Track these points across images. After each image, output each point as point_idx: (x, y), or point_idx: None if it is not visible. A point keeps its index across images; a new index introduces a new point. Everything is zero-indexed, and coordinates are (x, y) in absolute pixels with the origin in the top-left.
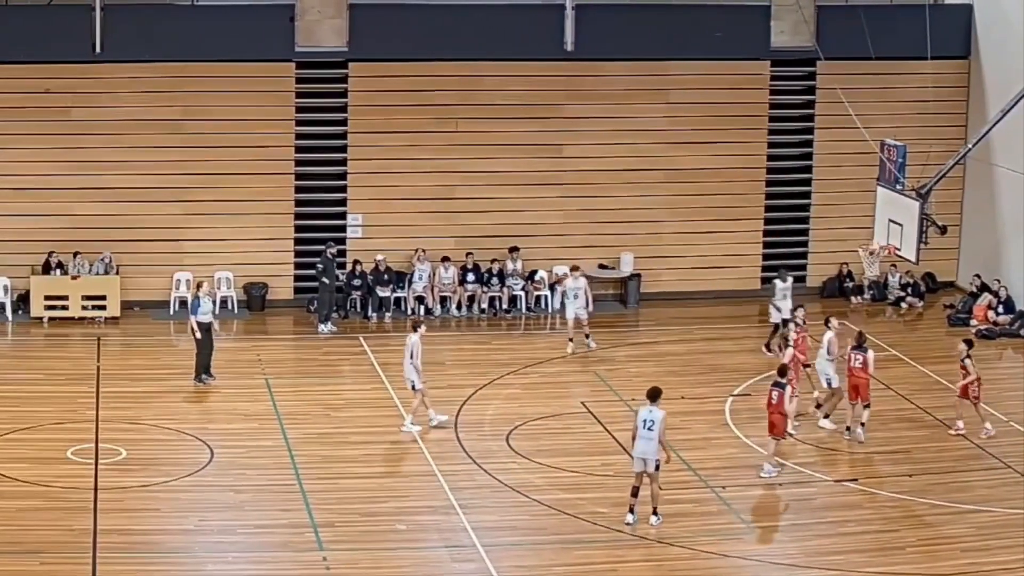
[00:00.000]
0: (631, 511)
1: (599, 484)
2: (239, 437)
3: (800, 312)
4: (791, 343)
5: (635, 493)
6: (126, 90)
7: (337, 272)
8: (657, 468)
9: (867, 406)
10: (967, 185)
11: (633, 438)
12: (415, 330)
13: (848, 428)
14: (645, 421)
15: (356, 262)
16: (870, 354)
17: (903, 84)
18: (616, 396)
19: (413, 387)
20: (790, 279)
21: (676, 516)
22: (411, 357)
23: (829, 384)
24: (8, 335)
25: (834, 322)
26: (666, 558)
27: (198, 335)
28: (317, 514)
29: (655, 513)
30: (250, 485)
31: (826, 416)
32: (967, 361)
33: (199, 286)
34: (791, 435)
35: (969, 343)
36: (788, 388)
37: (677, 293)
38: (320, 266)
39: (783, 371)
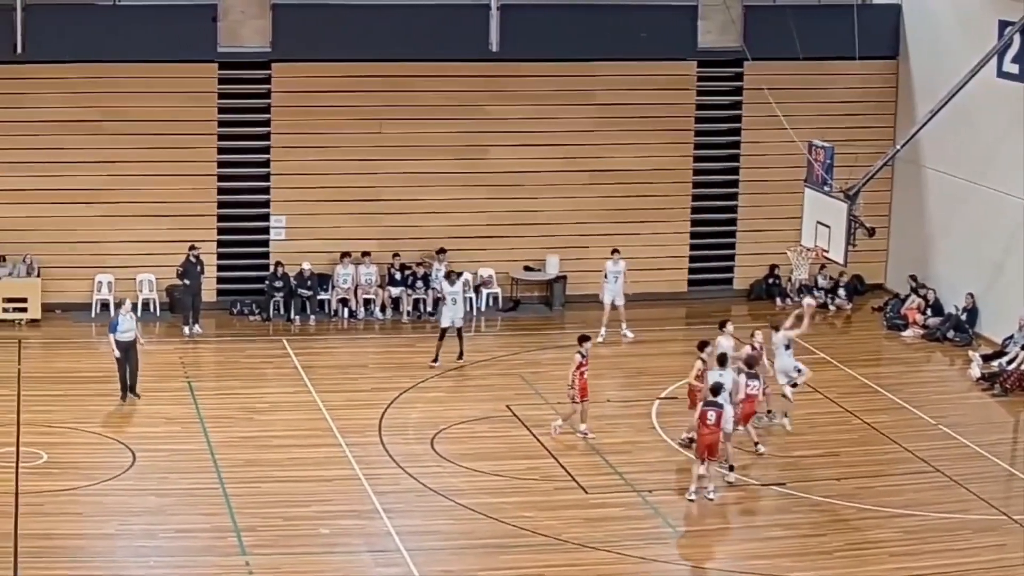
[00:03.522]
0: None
1: (524, 488)
2: (161, 441)
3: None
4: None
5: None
6: (48, 91)
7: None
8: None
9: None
10: (895, 187)
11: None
12: None
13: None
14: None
15: (278, 264)
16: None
17: (831, 85)
18: (541, 399)
19: None
20: (459, 282)
21: (602, 521)
22: None
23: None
24: None
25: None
26: (592, 563)
27: (117, 354)
28: (240, 518)
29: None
30: (172, 489)
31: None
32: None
33: (119, 304)
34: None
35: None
36: (728, 408)
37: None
38: (180, 268)
39: (717, 390)
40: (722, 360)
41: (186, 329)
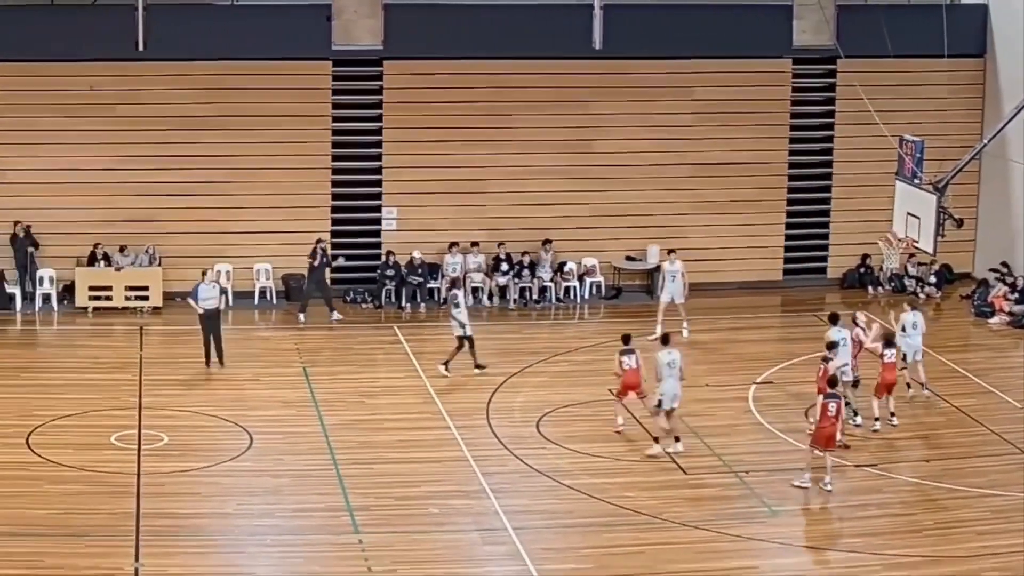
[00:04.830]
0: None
1: (626, 469)
2: (277, 423)
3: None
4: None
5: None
6: (168, 87)
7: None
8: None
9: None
10: (983, 179)
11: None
12: None
13: (877, 419)
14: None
15: (389, 253)
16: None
17: (921, 81)
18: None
19: None
20: (461, 293)
21: (701, 500)
22: None
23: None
24: (54, 325)
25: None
26: (691, 541)
27: (200, 311)
28: (353, 498)
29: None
30: (288, 470)
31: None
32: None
33: (204, 273)
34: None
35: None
36: (842, 399)
37: (701, 284)
38: (327, 260)
39: (833, 382)
40: (665, 339)
41: (301, 316)
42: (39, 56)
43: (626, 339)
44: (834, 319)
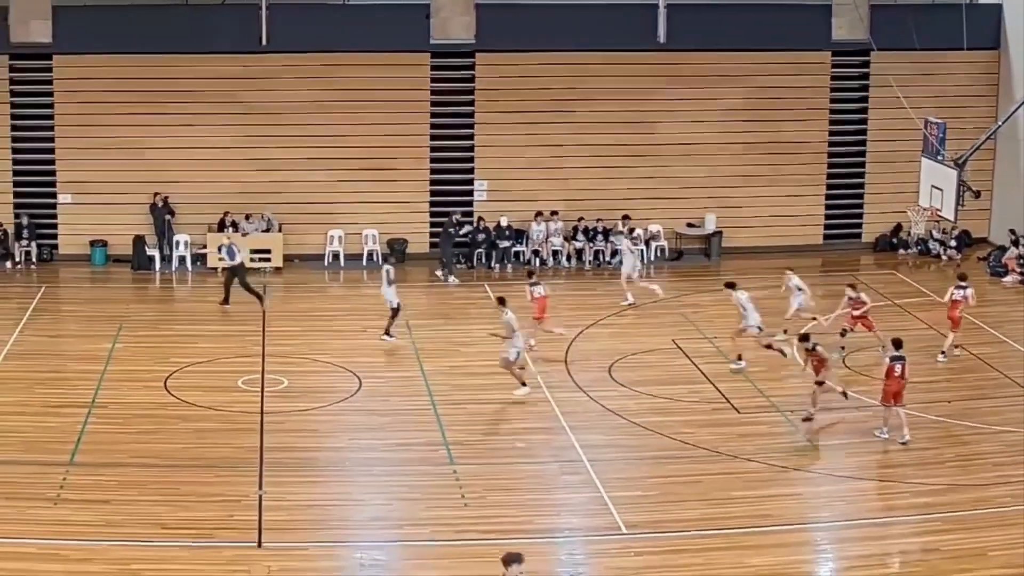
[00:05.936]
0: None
1: (687, 409)
2: (384, 369)
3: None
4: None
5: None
6: (287, 76)
7: (455, 231)
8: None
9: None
10: (997, 156)
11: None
12: None
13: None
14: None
15: (480, 219)
16: (970, 291)
17: (943, 71)
18: (701, 334)
19: None
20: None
21: (752, 436)
22: None
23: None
24: (188, 283)
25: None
26: (743, 471)
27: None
28: (449, 434)
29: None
30: (392, 410)
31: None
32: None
33: (228, 237)
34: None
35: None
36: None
37: (752, 247)
38: (460, 228)
39: (899, 344)
40: (501, 300)
41: (439, 272)
42: (175, 49)
43: (530, 274)
44: (731, 285)
